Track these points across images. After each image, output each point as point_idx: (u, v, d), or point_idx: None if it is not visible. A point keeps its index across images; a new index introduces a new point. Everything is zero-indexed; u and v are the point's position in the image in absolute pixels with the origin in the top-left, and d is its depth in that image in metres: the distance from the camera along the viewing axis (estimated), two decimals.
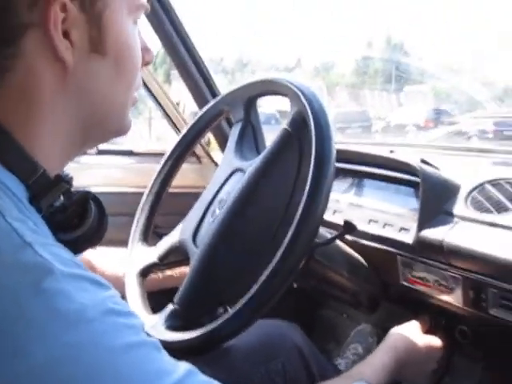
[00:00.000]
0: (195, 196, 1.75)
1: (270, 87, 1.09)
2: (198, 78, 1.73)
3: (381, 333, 1.54)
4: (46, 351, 0.50)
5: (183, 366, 0.60)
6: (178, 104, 1.88)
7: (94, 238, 0.75)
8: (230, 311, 0.88)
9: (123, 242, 1.26)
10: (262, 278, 0.86)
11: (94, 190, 0.75)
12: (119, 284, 1.12)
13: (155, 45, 1.69)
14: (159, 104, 1.82)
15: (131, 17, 0.70)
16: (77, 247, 0.73)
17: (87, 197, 0.74)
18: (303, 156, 0.99)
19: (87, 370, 0.51)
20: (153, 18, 1.60)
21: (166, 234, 1.45)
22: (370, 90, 22.55)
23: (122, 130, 0.76)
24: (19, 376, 0.50)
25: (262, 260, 0.98)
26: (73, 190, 0.72)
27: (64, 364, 0.50)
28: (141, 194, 1.38)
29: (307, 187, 0.87)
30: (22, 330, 0.50)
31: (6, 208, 0.57)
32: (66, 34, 0.62)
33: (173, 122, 1.86)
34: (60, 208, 0.69)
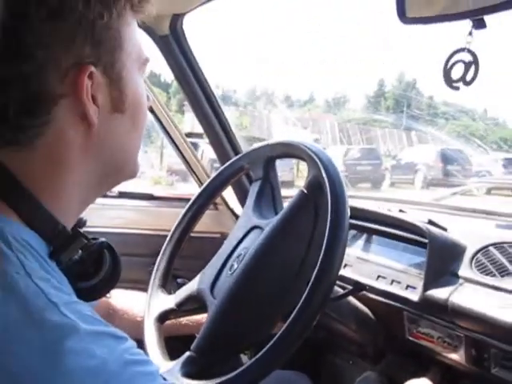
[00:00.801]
0: (211, 240, 1.81)
1: (289, 150, 1.16)
2: (221, 135, 1.81)
3: (385, 381, 1.58)
4: None
5: None
6: (190, 134, 1.94)
7: (108, 285, 0.82)
8: (246, 363, 0.94)
9: (138, 281, 1.32)
10: (278, 333, 0.91)
11: (112, 230, 0.81)
12: (137, 327, 1.18)
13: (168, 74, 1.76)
14: (178, 150, 1.89)
15: (140, 72, 0.77)
16: (93, 294, 0.80)
17: (102, 247, 0.80)
18: (318, 217, 1.06)
19: None
20: (182, 80, 1.70)
21: (180, 276, 1.50)
22: (380, 127, 22.66)
23: (134, 173, 0.82)
24: None
25: (277, 313, 1.05)
26: (89, 237, 0.78)
27: None
28: (158, 236, 1.43)
29: (323, 249, 0.94)
30: None
31: (32, 268, 0.62)
32: (93, 99, 0.69)
33: (193, 170, 1.94)
34: (78, 260, 0.75)
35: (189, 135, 2.00)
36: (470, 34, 0.81)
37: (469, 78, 0.83)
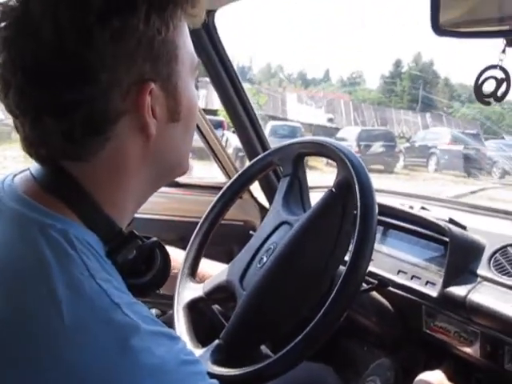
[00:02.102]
0: (234, 228, 1.86)
1: (320, 149, 1.19)
2: (250, 133, 1.85)
3: (399, 369, 1.63)
4: None
5: None
6: (204, 111, 1.96)
7: (159, 281, 0.84)
8: (274, 355, 0.99)
9: None
10: (311, 325, 0.96)
11: (137, 216, 0.84)
12: None
13: None
14: (204, 139, 1.93)
15: (193, 76, 0.78)
16: (144, 291, 0.82)
17: (154, 246, 0.82)
18: (345, 216, 1.10)
19: None
20: (214, 76, 1.73)
21: None
22: (395, 108, 22.52)
23: (185, 172, 0.84)
24: None
25: (303, 305, 1.09)
26: (142, 237, 0.79)
27: None
28: (182, 222, 1.46)
29: (353, 249, 0.98)
30: (113, 381, 0.59)
31: (94, 268, 0.65)
32: (153, 113, 0.71)
33: (218, 159, 1.99)
34: (131, 259, 0.76)
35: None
36: (504, 51, 0.84)
37: (500, 93, 0.86)
